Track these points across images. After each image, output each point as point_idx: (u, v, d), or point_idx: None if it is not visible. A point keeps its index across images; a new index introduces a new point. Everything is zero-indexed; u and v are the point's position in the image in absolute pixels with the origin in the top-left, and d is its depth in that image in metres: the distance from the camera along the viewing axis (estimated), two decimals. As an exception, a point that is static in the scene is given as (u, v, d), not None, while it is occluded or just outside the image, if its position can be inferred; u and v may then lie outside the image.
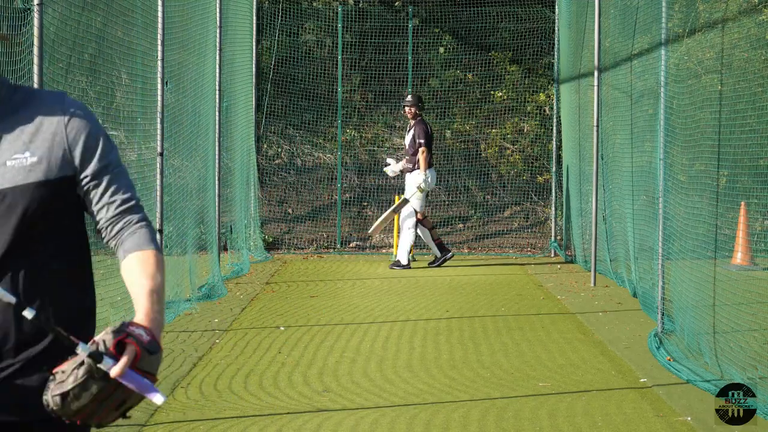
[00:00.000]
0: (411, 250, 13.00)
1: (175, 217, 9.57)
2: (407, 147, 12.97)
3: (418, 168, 12.77)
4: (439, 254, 13.03)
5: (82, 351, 2.19)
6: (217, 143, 11.14)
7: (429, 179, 12.77)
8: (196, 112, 10.30)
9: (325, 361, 7.54)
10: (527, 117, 15.55)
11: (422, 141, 12.73)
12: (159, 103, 8.53)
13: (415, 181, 12.76)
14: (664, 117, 8.19)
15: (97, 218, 2.48)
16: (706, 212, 7.64)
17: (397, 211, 12.89)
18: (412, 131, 12.93)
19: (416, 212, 12.81)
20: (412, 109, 12.94)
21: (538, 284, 11.60)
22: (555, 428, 5.79)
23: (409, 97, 13.05)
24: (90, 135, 2.45)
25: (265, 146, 15.59)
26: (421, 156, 12.75)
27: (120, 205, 2.46)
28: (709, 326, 7.23)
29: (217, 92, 11.08)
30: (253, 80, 14.81)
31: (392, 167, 13.22)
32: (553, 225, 14.82)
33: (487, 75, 15.63)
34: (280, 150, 15.68)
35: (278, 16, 15.51)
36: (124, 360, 2.18)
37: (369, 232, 13.32)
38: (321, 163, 15.66)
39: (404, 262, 12.83)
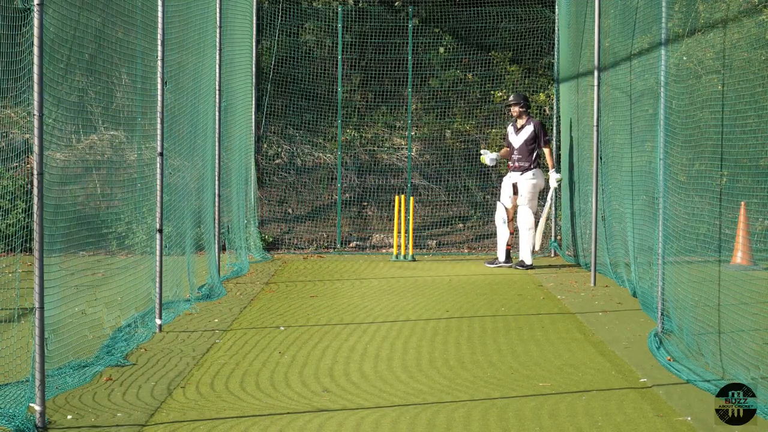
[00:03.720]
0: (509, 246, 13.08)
1: (174, 217, 9.57)
2: (520, 146, 12.89)
3: (534, 167, 12.85)
4: (501, 259, 13.05)
5: None
6: (216, 143, 11.13)
7: (536, 179, 12.88)
8: (196, 112, 10.30)
9: (325, 361, 7.54)
10: (527, 117, 15.54)
11: (548, 138, 12.89)
12: (159, 103, 8.53)
13: (530, 183, 12.81)
14: (664, 117, 8.19)
15: None
16: (706, 212, 7.64)
17: (548, 217, 12.95)
18: (528, 129, 12.89)
19: (533, 213, 12.92)
20: (516, 108, 12.95)
21: (538, 284, 11.60)
22: (556, 428, 5.79)
23: (512, 97, 13.04)
24: None
25: (265, 146, 15.58)
26: (548, 154, 12.88)
27: None
28: (710, 326, 7.23)
29: (217, 92, 11.07)
30: (253, 80, 14.81)
31: (490, 156, 13.15)
32: (553, 225, 14.81)
33: (487, 75, 15.63)
34: (280, 150, 15.68)
35: (278, 16, 15.50)
36: None
37: (536, 249, 13.35)
38: (321, 163, 15.66)
39: (528, 261, 12.87)
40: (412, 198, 14.13)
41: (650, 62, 9.19)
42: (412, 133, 15.60)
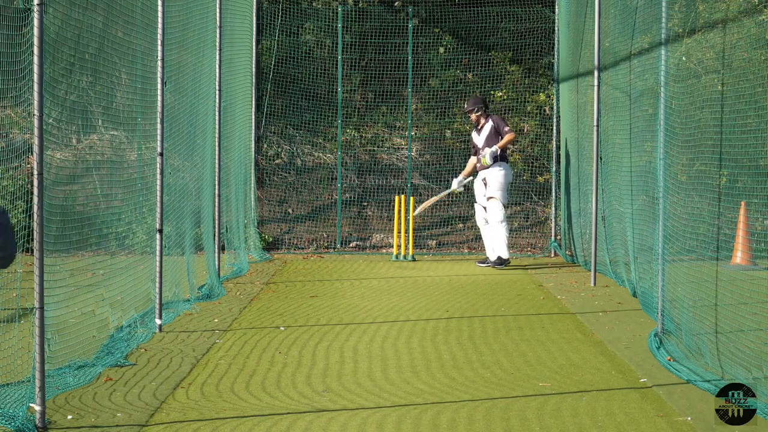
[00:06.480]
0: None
1: (174, 217, 9.56)
2: (483, 143, 12.95)
3: (498, 162, 12.84)
4: (492, 258, 13.06)
5: None
6: (216, 143, 11.13)
7: (504, 171, 12.87)
8: (196, 112, 10.30)
9: (326, 361, 7.54)
10: (527, 117, 15.55)
11: (507, 128, 12.84)
12: (159, 103, 8.53)
13: (498, 175, 12.81)
14: (664, 117, 8.19)
15: None
16: (706, 212, 7.64)
17: (440, 198, 13.10)
18: (488, 126, 12.95)
19: (504, 206, 12.88)
20: (473, 116, 13.05)
21: (538, 284, 11.60)
22: (559, 427, 5.79)
23: (466, 105, 13.16)
24: None
25: (265, 146, 15.58)
26: (506, 139, 12.77)
27: None
28: (710, 326, 7.23)
29: (217, 92, 11.07)
30: (253, 80, 14.81)
31: (457, 183, 13.27)
32: (553, 225, 14.82)
33: (487, 75, 15.63)
34: (280, 150, 15.68)
35: (278, 16, 15.50)
36: None
37: (414, 213, 13.69)
38: (321, 163, 15.65)
39: (505, 256, 12.87)
40: (412, 198, 14.13)
41: (650, 62, 9.19)
42: (412, 133, 15.61)
